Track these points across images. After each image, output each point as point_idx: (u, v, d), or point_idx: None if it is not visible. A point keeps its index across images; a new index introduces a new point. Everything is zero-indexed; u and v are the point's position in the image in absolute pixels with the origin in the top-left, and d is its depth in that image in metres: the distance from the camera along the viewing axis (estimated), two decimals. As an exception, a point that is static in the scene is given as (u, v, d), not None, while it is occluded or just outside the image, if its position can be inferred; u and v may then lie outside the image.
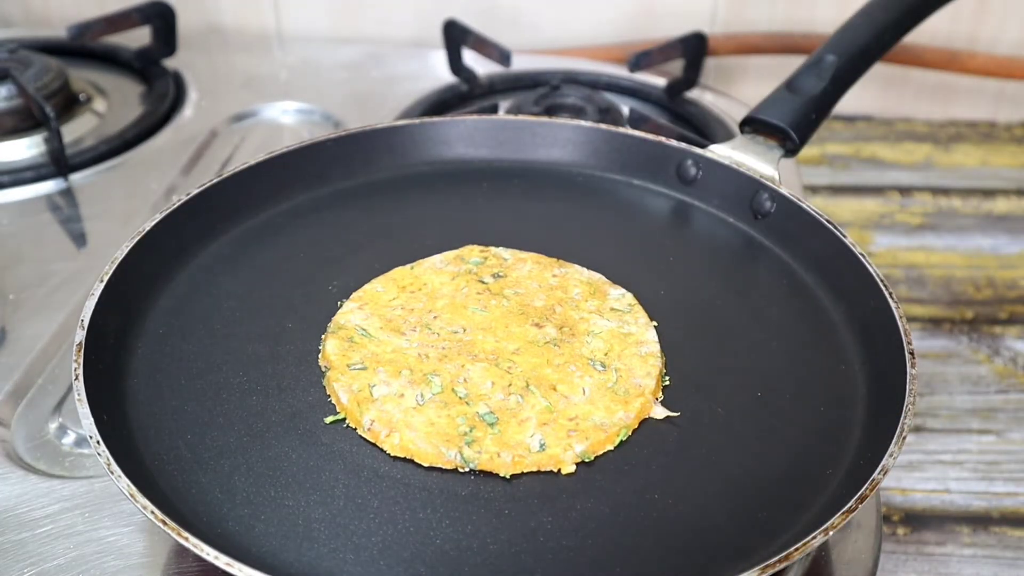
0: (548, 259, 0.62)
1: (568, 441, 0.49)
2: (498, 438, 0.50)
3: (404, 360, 0.54)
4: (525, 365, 0.54)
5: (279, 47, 1.08)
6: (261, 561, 0.44)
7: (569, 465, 0.49)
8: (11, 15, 1.14)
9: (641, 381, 0.53)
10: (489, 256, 0.62)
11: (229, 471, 0.49)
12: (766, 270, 0.63)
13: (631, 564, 0.45)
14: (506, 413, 0.51)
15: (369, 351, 0.55)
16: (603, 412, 0.51)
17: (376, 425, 0.50)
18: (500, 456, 0.49)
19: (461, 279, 0.60)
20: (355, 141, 0.70)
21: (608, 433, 0.50)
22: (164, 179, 0.82)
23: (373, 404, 0.51)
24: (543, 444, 0.49)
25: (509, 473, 0.49)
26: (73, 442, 0.58)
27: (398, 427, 0.50)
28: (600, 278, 0.61)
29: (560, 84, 0.89)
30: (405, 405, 0.51)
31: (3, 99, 0.85)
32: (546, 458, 0.49)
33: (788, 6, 1.07)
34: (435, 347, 0.55)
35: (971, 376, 0.78)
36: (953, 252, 0.93)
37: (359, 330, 0.56)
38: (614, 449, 0.50)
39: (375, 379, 0.53)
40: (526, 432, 0.50)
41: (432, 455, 0.49)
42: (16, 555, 0.50)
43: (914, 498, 0.69)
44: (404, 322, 0.57)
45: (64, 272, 0.71)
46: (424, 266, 0.61)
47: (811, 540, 0.42)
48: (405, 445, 0.50)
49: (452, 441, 0.49)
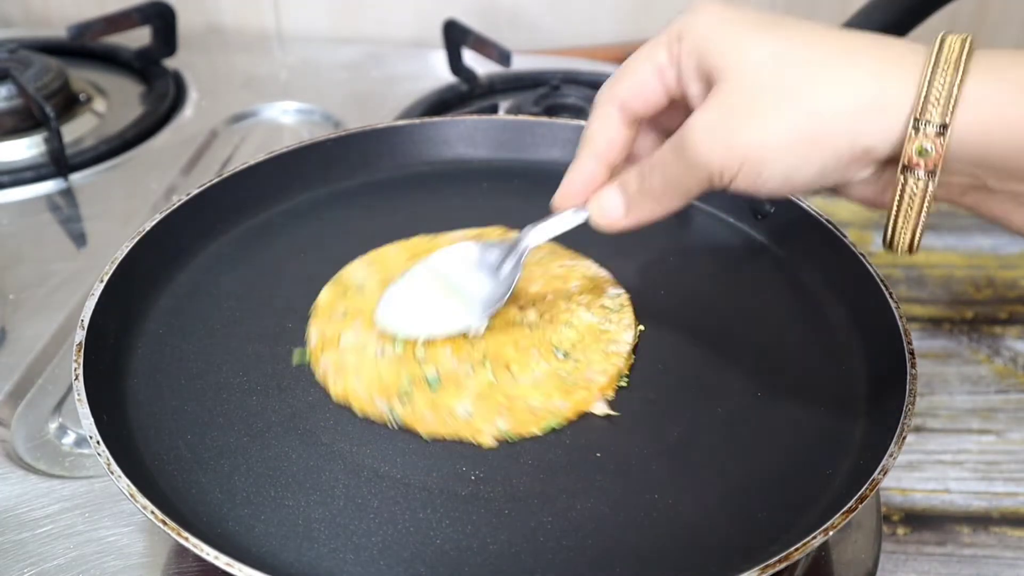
0: (564, 250, 0.63)
1: (494, 417, 0.51)
2: (431, 399, 0.51)
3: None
4: (491, 341, 0.55)
5: (279, 47, 1.08)
6: (261, 561, 0.44)
7: (489, 439, 0.50)
8: (11, 15, 1.14)
9: (594, 376, 0.53)
10: (508, 239, 0.62)
11: (229, 471, 0.49)
12: (766, 270, 0.63)
13: (631, 564, 0.45)
14: (451, 380, 0.52)
15: (355, 304, 0.57)
16: (542, 397, 0.52)
17: (329, 369, 0.53)
18: (425, 416, 0.50)
19: None
20: (355, 141, 0.70)
21: (537, 417, 0.51)
22: (164, 179, 0.82)
23: (336, 350, 0.54)
24: (469, 413, 0.51)
25: (428, 433, 0.50)
26: (73, 442, 0.58)
27: (346, 373, 0.52)
28: (606, 276, 0.61)
29: (560, 84, 0.89)
30: (364, 356, 0.53)
31: (3, 99, 0.85)
32: (466, 427, 0.50)
33: (788, 6, 1.07)
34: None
35: (971, 376, 0.78)
36: (953, 252, 0.93)
37: (356, 284, 0.58)
38: (614, 448, 0.50)
39: (348, 328, 0.55)
40: (459, 399, 0.51)
41: (366, 403, 0.51)
42: (16, 555, 0.50)
43: (914, 498, 0.69)
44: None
45: (64, 272, 0.71)
46: (445, 237, 0.63)
47: (811, 540, 0.42)
48: (346, 391, 0.52)
49: (389, 394, 0.51)
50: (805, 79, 0.41)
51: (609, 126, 0.49)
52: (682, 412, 0.53)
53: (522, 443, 0.50)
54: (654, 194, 0.47)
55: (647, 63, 0.47)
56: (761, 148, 0.41)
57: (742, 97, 0.42)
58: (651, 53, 0.47)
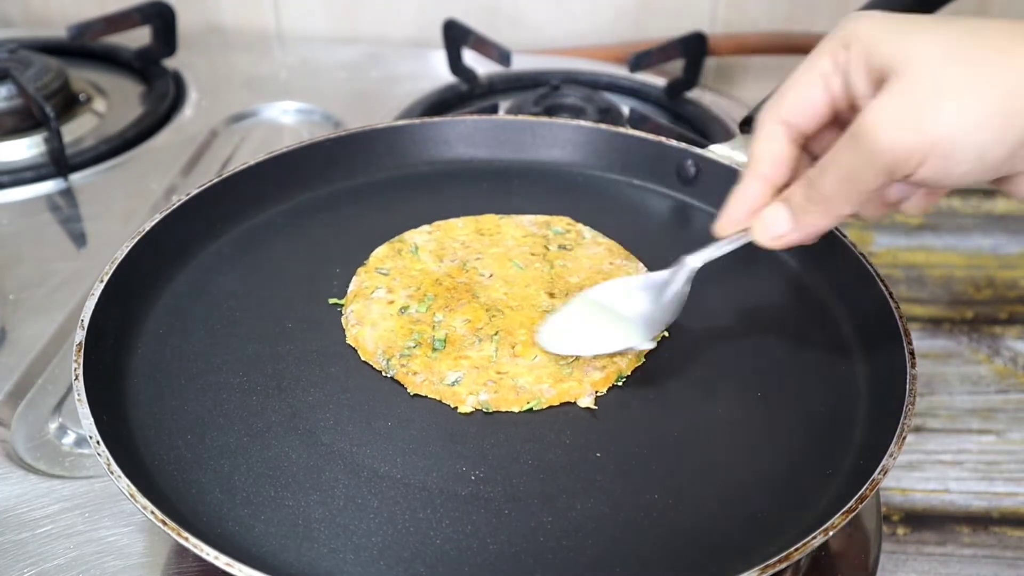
0: (621, 250, 0.64)
1: (479, 388, 0.52)
2: (427, 362, 0.53)
3: (420, 279, 0.59)
4: (510, 320, 0.56)
5: (279, 47, 1.08)
6: (261, 561, 0.44)
7: (467, 405, 0.52)
8: (11, 15, 1.14)
9: (591, 371, 0.54)
10: (572, 230, 0.65)
11: (229, 471, 0.49)
12: (766, 270, 0.63)
13: (631, 564, 0.45)
14: (455, 346, 0.54)
15: (403, 264, 0.61)
16: (532, 379, 0.53)
17: (352, 316, 0.57)
18: (413, 375, 0.53)
19: (532, 238, 0.63)
20: (355, 141, 0.70)
21: (519, 396, 0.52)
22: (164, 179, 0.82)
23: (364, 300, 0.58)
24: (457, 381, 0.52)
25: (413, 391, 0.53)
26: (73, 442, 0.58)
27: (365, 322, 0.56)
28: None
29: (560, 84, 0.89)
30: (387, 311, 0.57)
31: (3, 99, 0.85)
32: (450, 393, 0.52)
33: (788, 6, 1.07)
34: (454, 279, 0.60)
35: (971, 376, 0.78)
36: (953, 252, 0.93)
37: (412, 246, 0.62)
38: (614, 448, 0.50)
39: (383, 284, 0.59)
40: (453, 367, 0.53)
41: (369, 352, 0.55)
42: (16, 555, 0.50)
43: (914, 498, 0.69)
44: (452, 252, 0.61)
45: (64, 272, 0.71)
46: (512, 220, 0.65)
47: (811, 540, 0.42)
48: (356, 336, 0.56)
49: (392, 349, 0.54)
50: (996, 58, 0.41)
51: (775, 146, 0.49)
52: (682, 412, 0.53)
53: (521, 445, 0.50)
54: (824, 198, 0.46)
55: (810, 74, 0.47)
56: (955, 128, 0.41)
57: (928, 82, 0.41)
58: (812, 65, 0.47)
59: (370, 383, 0.54)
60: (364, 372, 0.55)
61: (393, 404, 0.53)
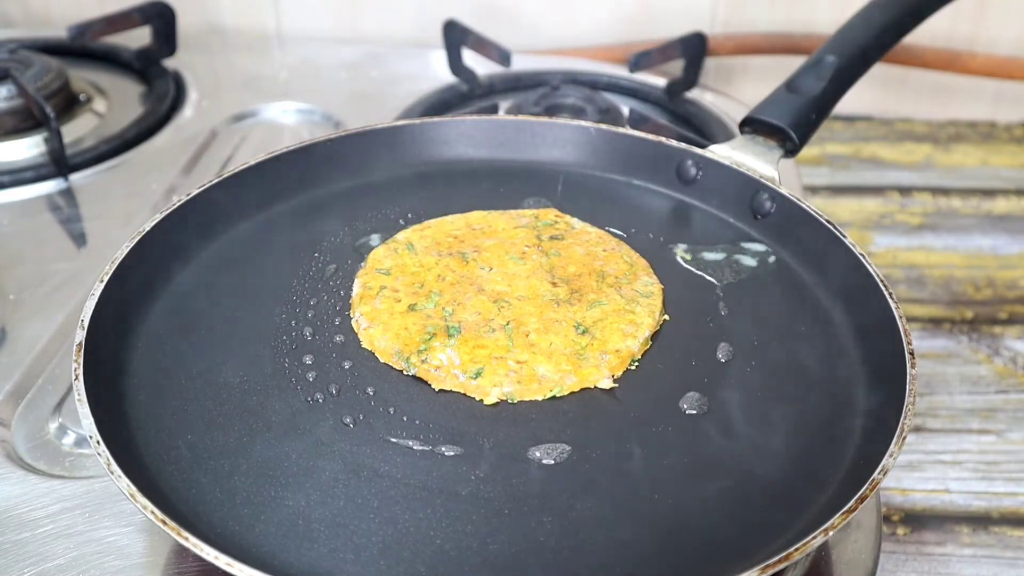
0: (611, 237, 0.64)
1: (503, 379, 0.53)
2: (446, 357, 0.54)
3: (422, 275, 0.60)
4: (519, 310, 0.57)
5: (279, 47, 1.08)
6: (261, 561, 0.44)
7: (492, 397, 0.52)
8: (11, 15, 1.14)
9: (606, 354, 0.54)
10: (561, 220, 0.65)
11: (229, 471, 0.49)
12: (767, 270, 0.63)
13: (631, 564, 0.45)
14: (471, 333, 0.55)
15: (401, 262, 0.61)
16: (552, 367, 0.54)
17: (362, 318, 0.57)
18: (434, 371, 0.53)
19: (523, 231, 0.64)
20: (355, 141, 0.70)
21: (542, 385, 0.53)
22: (164, 179, 0.82)
23: (371, 300, 0.58)
24: (479, 373, 0.53)
25: (438, 386, 0.53)
26: (73, 442, 0.58)
27: (377, 323, 0.56)
28: (645, 265, 0.62)
29: (560, 84, 0.89)
30: (396, 309, 0.57)
31: (3, 99, 0.85)
32: (473, 386, 0.53)
33: (788, 6, 1.07)
34: (455, 273, 0.60)
35: (971, 376, 0.78)
36: (953, 252, 0.93)
37: (408, 244, 0.62)
38: (615, 447, 0.50)
39: (387, 283, 0.59)
40: (474, 359, 0.54)
41: (387, 353, 0.55)
42: (16, 555, 0.50)
43: (914, 498, 0.69)
44: (448, 247, 0.62)
45: (64, 272, 0.71)
46: (500, 214, 0.66)
47: (811, 540, 0.42)
48: (372, 339, 0.56)
49: (409, 347, 0.54)
50: None
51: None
52: (683, 411, 0.53)
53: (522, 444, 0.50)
54: None
55: None
56: None
57: None
58: None
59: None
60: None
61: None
